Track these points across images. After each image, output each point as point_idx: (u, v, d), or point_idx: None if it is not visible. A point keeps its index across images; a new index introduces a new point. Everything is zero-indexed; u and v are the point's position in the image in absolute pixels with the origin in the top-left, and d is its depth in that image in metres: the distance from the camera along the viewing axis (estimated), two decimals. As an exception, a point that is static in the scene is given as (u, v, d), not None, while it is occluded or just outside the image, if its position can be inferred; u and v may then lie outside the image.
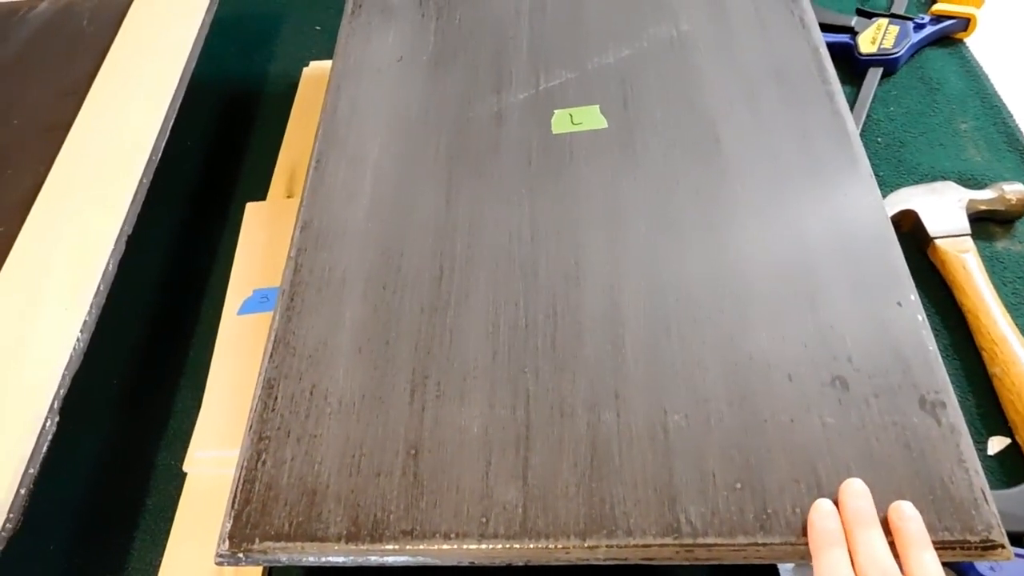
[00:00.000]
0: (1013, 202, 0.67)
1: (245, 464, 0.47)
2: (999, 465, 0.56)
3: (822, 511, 0.41)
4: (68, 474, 0.62)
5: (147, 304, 0.72)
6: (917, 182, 0.71)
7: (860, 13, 0.85)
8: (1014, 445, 0.56)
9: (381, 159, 0.62)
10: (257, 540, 0.44)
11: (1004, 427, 0.57)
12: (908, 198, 0.67)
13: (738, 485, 0.43)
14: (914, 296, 0.49)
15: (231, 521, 0.45)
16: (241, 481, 0.47)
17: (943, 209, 0.66)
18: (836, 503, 0.42)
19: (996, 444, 0.57)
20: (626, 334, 0.50)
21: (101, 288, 0.56)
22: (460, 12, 0.72)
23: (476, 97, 0.65)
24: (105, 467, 0.63)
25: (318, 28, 0.96)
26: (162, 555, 0.56)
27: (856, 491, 0.41)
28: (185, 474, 0.59)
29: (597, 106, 0.63)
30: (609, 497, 0.43)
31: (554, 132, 0.61)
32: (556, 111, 0.63)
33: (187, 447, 0.60)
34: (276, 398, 0.50)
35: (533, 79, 0.66)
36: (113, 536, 0.59)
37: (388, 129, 0.64)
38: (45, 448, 0.49)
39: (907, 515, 0.40)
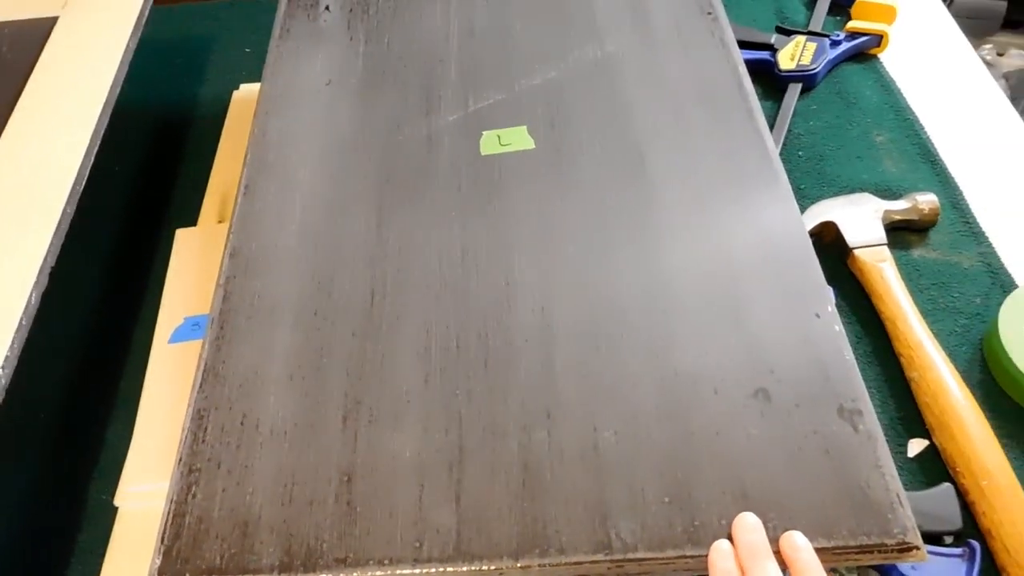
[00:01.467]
0: (926, 211, 0.69)
1: (175, 498, 0.47)
2: (919, 466, 0.58)
3: (720, 551, 0.42)
4: (-6, 513, 0.61)
5: (75, 334, 0.70)
6: (837, 194, 0.74)
7: (779, 31, 0.88)
8: (932, 447, 0.58)
9: (311, 184, 0.62)
10: (188, 575, 0.44)
11: (922, 429, 0.59)
12: (828, 210, 0.70)
13: (667, 499, 0.44)
14: (831, 307, 0.51)
15: (160, 557, 0.45)
16: (171, 515, 0.46)
17: (861, 220, 0.69)
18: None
19: (915, 446, 0.59)
20: (556, 353, 0.51)
21: (23, 322, 0.55)
22: (389, 35, 0.73)
23: (406, 120, 0.66)
24: (34, 503, 0.61)
25: (248, 50, 0.96)
26: (94, 593, 0.55)
27: (748, 525, 0.42)
28: (117, 508, 0.58)
29: (525, 127, 0.64)
30: (542, 516, 0.44)
31: (483, 153, 0.62)
32: (484, 132, 0.64)
33: (119, 479, 0.59)
34: (206, 429, 0.49)
35: (462, 101, 0.67)
36: (43, 573, 0.57)
37: (318, 154, 0.64)
38: (-34, 490, 0.47)
39: (799, 545, 0.41)
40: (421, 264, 0.56)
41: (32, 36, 0.76)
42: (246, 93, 0.88)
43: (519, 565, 0.43)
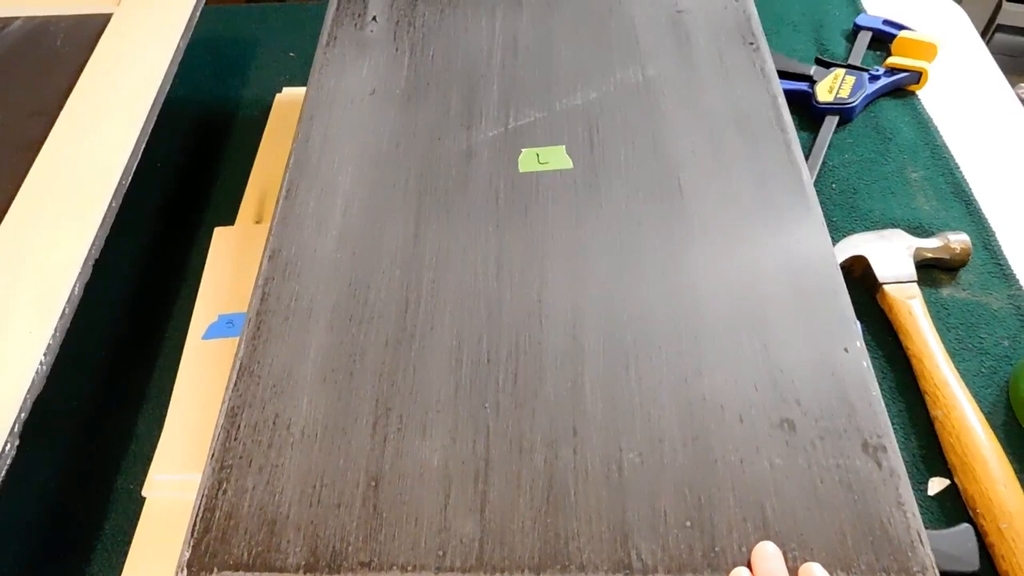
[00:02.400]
0: (957, 251, 0.70)
1: (206, 492, 0.48)
2: (939, 505, 0.58)
3: None
4: (23, 495, 0.62)
5: (111, 325, 0.72)
6: (868, 228, 0.74)
7: (819, 63, 0.89)
8: (953, 486, 0.58)
9: (351, 191, 0.63)
10: (216, 569, 0.45)
11: (944, 469, 0.59)
12: (859, 244, 0.70)
13: (688, 523, 0.44)
14: (860, 343, 0.51)
15: (190, 550, 0.46)
16: (201, 509, 0.47)
17: (892, 256, 0.69)
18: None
19: (936, 485, 0.59)
20: (585, 372, 0.51)
21: (67, 311, 0.56)
22: (433, 48, 0.74)
23: (447, 133, 0.67)
24: (62, 489, 0.62)
25: (292, 55, 0.97)
26: (119, 579, 0.56)
27: (768, 554, 0.43)
28: (144, 498, 0.59)
29: (563, 147, 0.65)
30: (564, 532, 0.45)
31: (521, 170, 0.63)
32: (523, 150, 0.65)
33: (147, 471, 0.60)
34: (239, 426, 0.50)
35: (503, 117, 0.68)
36: (69, 560, 0.59)
37: (359, 161, 0.65)
38: (4, 471, 0.49)
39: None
40: (456, 275, 0.57)
41: (86, 31, 0.78)
42: (289, 96, 0.90)
43: (540, 579, 0.43)
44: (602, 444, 0.48)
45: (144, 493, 0.59)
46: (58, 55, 0.76)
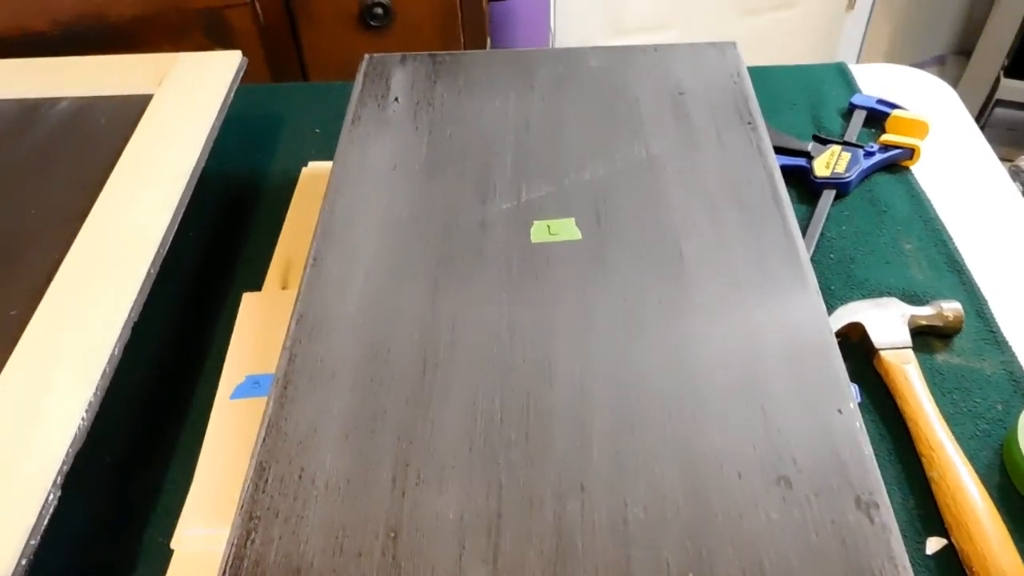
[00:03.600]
0: (951, 319, 0.73)
1: (235, 542, 0.51)
2: (936, 564, 0.60)
3: None
4: (56, 545, 0.65)
5: (143, 384, 0.76)
6: (865, 296, 0.78)
7: (816, 139, 0.93)
8: (950, 545, 0.60)
9: (373, 259, 0.67)
10: (244, 614, 0.47)
11: (941, 528, 0.61)
12: (855, 312, 0.73)
13: (691, 574, 0.47)
14: (853, 404, 0.54)
15: (220, 596, 0.48)
16: (231, 558, 0.50)
17: (887, 323, 0.72)
18: None
19: (933, 544, 0.61)
20: (592, 431, 0.54)
21: (107, 371, 0.60)
22: (451, 128, 0.79)
23: (463, 206, 0.71)
24: (94, 539, 0.65)
25: (317, 131, 1.03)
26: (145, 630, 0.58)
27: None
28: (172, 551, 0.62)
29: (573, 219, 0.69)
30: (572, 582, 0.47)
31: (533, 241, 0.67)
32: (535, 222, 0.69)
33: (174, 524, 0.63)
34: (267, 480, 0.53)
35: (516, 191, 0.72)
36: (98, 609, 0.61)
37: (381, 231, 0.69)
38: (46, 521, 0.52)
39: None
40: (471, 339, 0.61)
41: (129, 110, 0.84)
42: (314, 170, 0.95)
43: (549, 627, 0.46)
44: (608, 499, 0.51)
45: (173, 545, 0.62)
46: (102, 132, 0.82)
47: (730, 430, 0.54)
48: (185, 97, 0.84)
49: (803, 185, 0.90)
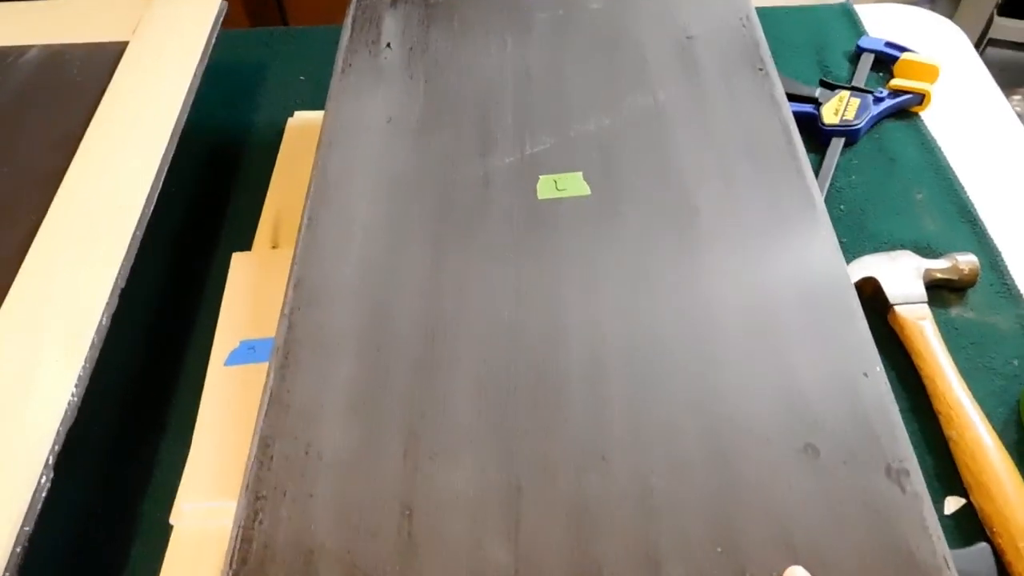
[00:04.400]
0: (966, 272, 0.71)
1: (242, 524, 0.48)
2: (955, 524, 0.59)
3: None
4: (52, 525, 0.62)
5: (131, 354, 0.73)
6: (876, 249, 0.76)
7: (823, 85, 0.90)
8: (969, 505, 0.60)
9: (372, 219, 0.64)
10: (254, 599, 0.45)
11: (959, 488, 0.60)
12: (870, 266, 0.71)
13: (719, 549, 0.45)
14: (879, 367, 0.52)
15: (228, 580, 0.46)
16: (238, 540, 0.48)
17: (902, 277, 0.70)
18: None
19: (952, 504, 0.60)
20: (609, 396, 0.52)
21: (95, 342, 0.57)
22: (447, 76, 0.75)
23: (463, 160, 0.68)
24: (89, 518, 0.63)
25: (302, 78, 0.98)
26: (147, 608, 0.56)
27: None
28: (171, 526, 0.60)
29: (580, 173, 0.66)
30: (597, 559, 0.45)
31: (540, 197, 0.64)
32: (541, 177, 0.66)
33: (173, 499, 0.60)
34: (272, 457, 0.51)
35: (518, 144, 0.69)
36: (96, 588, 0.59)
37: (378, 189, 0.66)
38: (40, 506, 0.49)
39: None
40: (477, 302, 0.58)
41: (103, 60, 0.79)
42: (300, 121, 0.91)
43: (575, 606, 0.44)
44: (629, 469, 0.49)
45: (172, 521, 0.60)
46: (75, 85, 0.77)
47: (752, 394, 0.52)
48: (163, 45, 0.79)
49: (809, 133, 0.87)
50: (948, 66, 0.93)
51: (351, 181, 0.67)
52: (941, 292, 0.72)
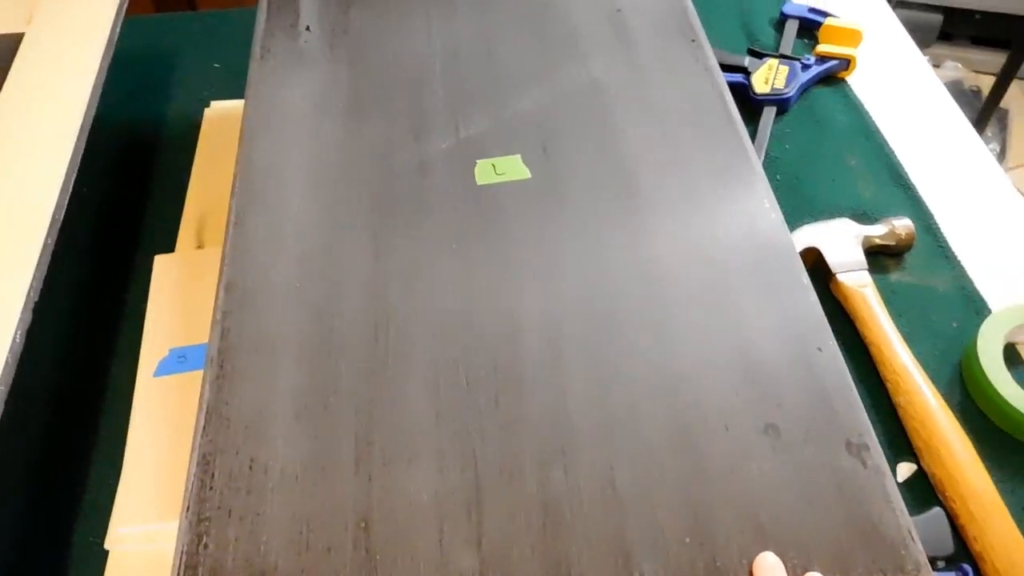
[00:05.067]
0: (903, 236, 0.72)
1: (185, 549, 0.45)
2: (908, 491, 0.60)
3: None
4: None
5: (51, 370, 0.68)
6: (814, 217, 0.76)
7: (752, 53, 0.90)
8: (920, 471, 0.60)
9: (304, 214, 0.60)
10: (205, 630, 0.43)
11: (910, 454, 0.61)
12: (810, 235, 0.71)
13: (687, 539, 0.44)
14: (832, 342, 0.52)
15: (175, 611, 0.43)
16: (182, 567, 0.44)
17: (842, 245, 0.70)
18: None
19: (904, 471, 0.61)
20: (567, 387, 0.51)
21: (9, 361, 0.53)
22: (372, 58, 0.72)
23: (396, 147, 0.65)
24: (15, 547, 0.58)
25: (217, 65, 0.93)
26: (87, 642, 0.53)
27: (769, 565, 0.43)
28: (107, 552, 0.56)
29: (519, 156, 0.64)
30: (565, 558, 0.44)
31: (478, 183, 0.62)
32: (479, 162, 0.63)
33: (107, 522, 0.57)
34: (213, 475, 0.48)
35: (452, 127, 0.66)
36: (29, 625, 0.55)
37: (308, 181, 0.63)
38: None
39: None
40: (423, 296, 0.55)
41: (-4, 53, 0.73)
42: (218, 110, 0.86)
43: (546, 609, 0.43)
44: (592, 462, 0.47)
45: (107, 546, 0.56)
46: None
47: (710, 377, 0.51)
48: (62, 35, 0.74)
49: (742, 102, 0.86)
50: (869, 30, 0.93)
51: (280, 173, 0.63)
52: (879, 258, 0.73)
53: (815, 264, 0.71)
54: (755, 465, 0.47)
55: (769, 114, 0.84)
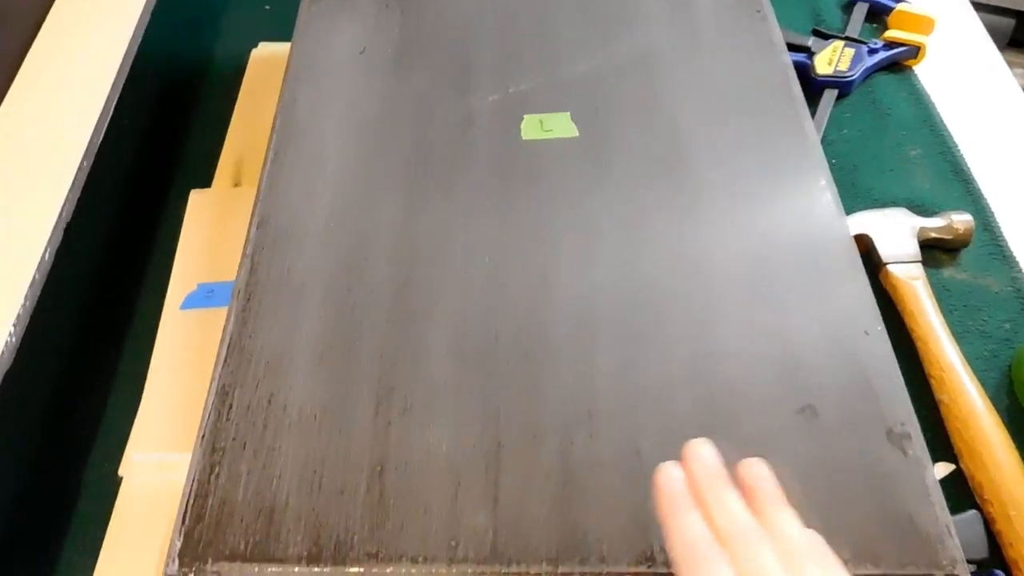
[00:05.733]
0: (961, 231, 0.69)
1: (197, 477, 0.44)
2: (944, 490, 0.57)
3: (670, 475, 0.38)
4: (-11, 478, 0.58)
5: (79, 296, 0.67)
6: (868, 205, 0.73)
7: (816, 34, 0.86)
8: (958, 471, 0.58)
9: (342, 158, 0.59)
10: (210, 560, 0.42)
11: (949, 453, 0.58)
12: (862, 223, 0.68)
13: (712, 515, 0.43)
14: (880, 327, 0.50)
15: (181, 539, 0.42)
16: (193, 495, 0.44)
17: (896, 235, 0.67)
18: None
19: (941, 470, 0.58)
20: (596, 352, 0.49)
21: (36, 278, 0.52)
22: (424, 7, 0.70)
23: (442, 97, 0.63)
24: (34, 472, 0.58)
25: (267, 7, 0.92)
26: (96, 564, 0.52)
27: (701, 454, 0.39)
28: (120, 479, 0.56)
29: (568, 113, 0.62)
30: (582, 524, 0.42)
31: (523, 138, 0.60)
32: (526, 116, 0.62)
33: (122, 450, 0.56)
34: (231, 407, 0.47)
35: (501, 82, 0.64)
36: (44, 544, 0.55)
37: (349, 126, 0.61)
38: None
39: (759, 474, 0.38)
40: (456, 251, 0.54)
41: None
42: (265, 52, 0.85)
43: (559, 572, 0.41)
44: (618, 429, 0.46)
45: (121, 473, 0.56)
46: (14, 7, 0.70)
47: (748, 351, 0.49)
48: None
49: (802, 82, 0.83)
50: (943, 20, 0.89)
51: (321, 117, 0.62)
52: (933, 252, 0.70)
53: (866, 252, 0.68)
54: (788, 446, 0.45)
55: (830, 97, 0.81)
